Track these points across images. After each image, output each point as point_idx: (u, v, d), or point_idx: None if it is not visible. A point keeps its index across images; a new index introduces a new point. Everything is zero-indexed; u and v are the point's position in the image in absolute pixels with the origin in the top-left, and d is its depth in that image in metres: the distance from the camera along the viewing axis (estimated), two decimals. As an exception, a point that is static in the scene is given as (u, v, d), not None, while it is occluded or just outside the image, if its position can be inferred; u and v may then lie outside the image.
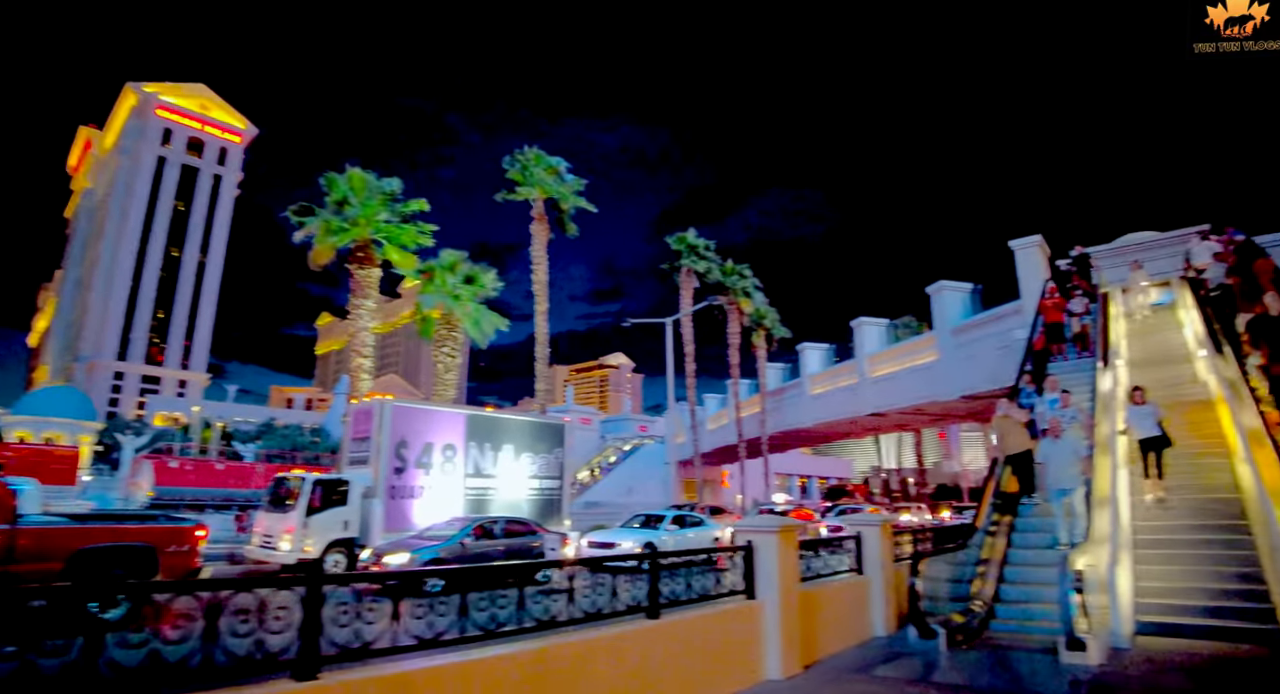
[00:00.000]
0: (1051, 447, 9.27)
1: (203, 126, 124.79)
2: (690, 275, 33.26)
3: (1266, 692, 5.63)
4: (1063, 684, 5.90)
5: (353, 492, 16.55)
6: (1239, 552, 8.53)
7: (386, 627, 3.89)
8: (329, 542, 15.97)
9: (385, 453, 17.21)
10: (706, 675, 5.77)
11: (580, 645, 4.68)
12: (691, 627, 5.72)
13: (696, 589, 6.00)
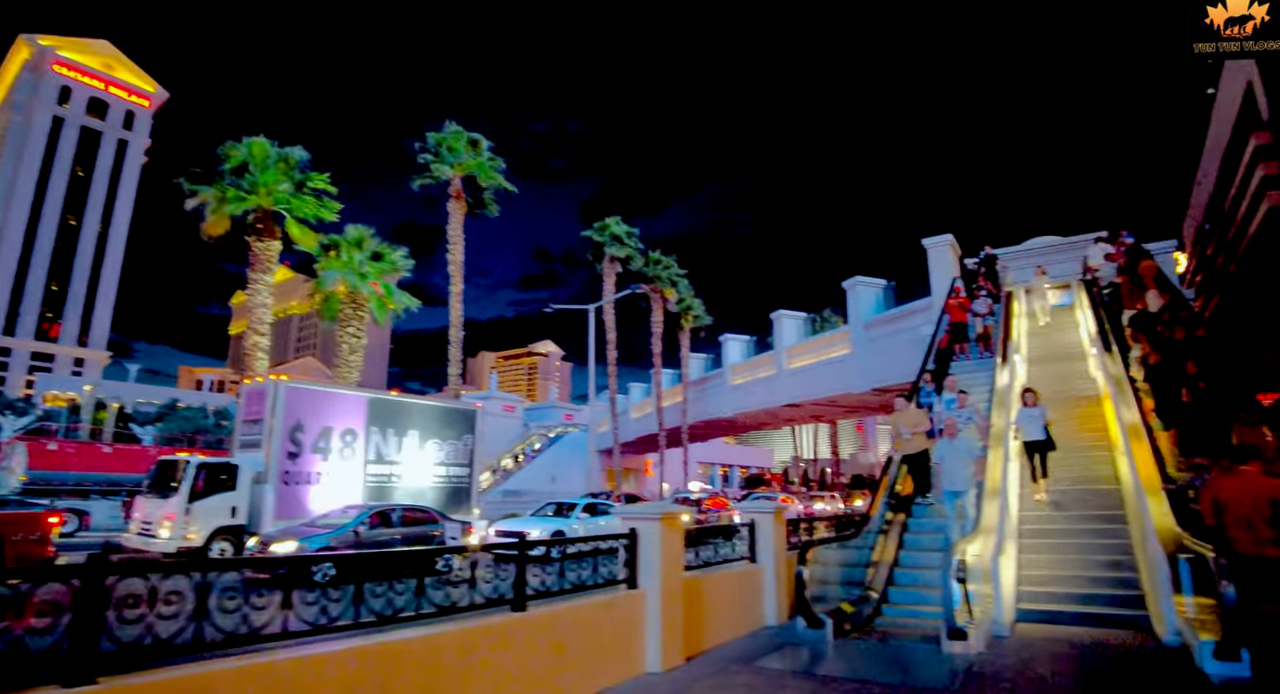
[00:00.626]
0: (946, 447, 9.16)
1: (106, 87, 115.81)
2: (613, 263, 32.87)
3: (1127, 675, 5.69)
4: (940, 672, 5.84)
5: (242, 477, 15.62)
6: (1115, 540, 8.79)
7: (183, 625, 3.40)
8: (214, 529, 15.03)
9: (278, 436, 16.27)
10: (581, 669, 5.46)
11: (423, 642, 4.28)
12: (563, 619, 5.39)
13: (571, 580, 5.67)
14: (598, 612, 5.78)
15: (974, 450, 9.01)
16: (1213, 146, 18.57)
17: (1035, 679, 5.62)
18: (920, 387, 12.70)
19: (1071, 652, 6.45)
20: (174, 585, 3.49)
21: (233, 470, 15.58)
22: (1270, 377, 16.96)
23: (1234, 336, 18.32)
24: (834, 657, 6.60)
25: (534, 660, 5.02)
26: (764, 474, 72.07)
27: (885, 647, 6.94)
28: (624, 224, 33.50)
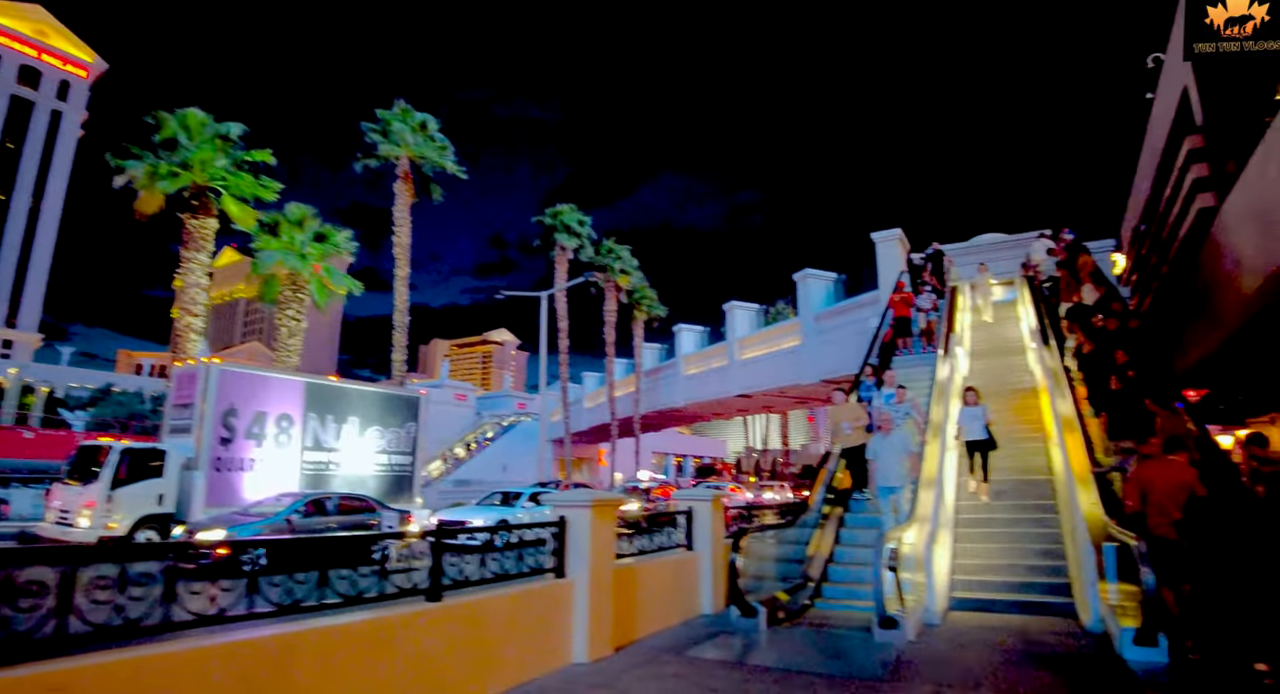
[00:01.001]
0: (881, 443, 9.03)
1: (39, 55, 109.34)
2: (564, 251, 32.47)
3: (1049, 662, 5.74)
4: (870, 661, 5.81)
5: (170, 463, 14.99)
6: (1047, 530, 8.94)
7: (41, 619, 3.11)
8: (139, 517, 14.40)
9: (210, 421, 15.66)
10: (503, 661, 5.27)
11: (321, 634, 4.03)
12: (484, 609, 5.19)
13: (494, 569, 5.47)
14: (523, 602, 5.59)
15: (908, 446, 8.94)
16: (1150, 150, 19.12)
17: (960, 667, 5.63)
18: (861, 381, 12.58)
19: (999, 639, 6.51)
20: (37, 575, 3.20)
21: (160, 456, 14.94)
22: (1197, 374, 17.58)
23: (1164, 333, 18.93)
24: (765, 646, 6.55)
25: (449, 652, 4.81)
26: (716, 464, 72.56)
27: (818, 635, 6.91)
28: (577, 212, 33.09)
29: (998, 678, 5.31)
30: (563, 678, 5.47)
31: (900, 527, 7.62)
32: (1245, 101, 12.88)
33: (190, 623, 3.56)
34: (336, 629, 4.09)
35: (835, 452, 10.86)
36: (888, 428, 9.11)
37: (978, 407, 10.01)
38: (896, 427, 9.21)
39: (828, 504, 9.92)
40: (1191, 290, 14.95)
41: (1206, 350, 15.11)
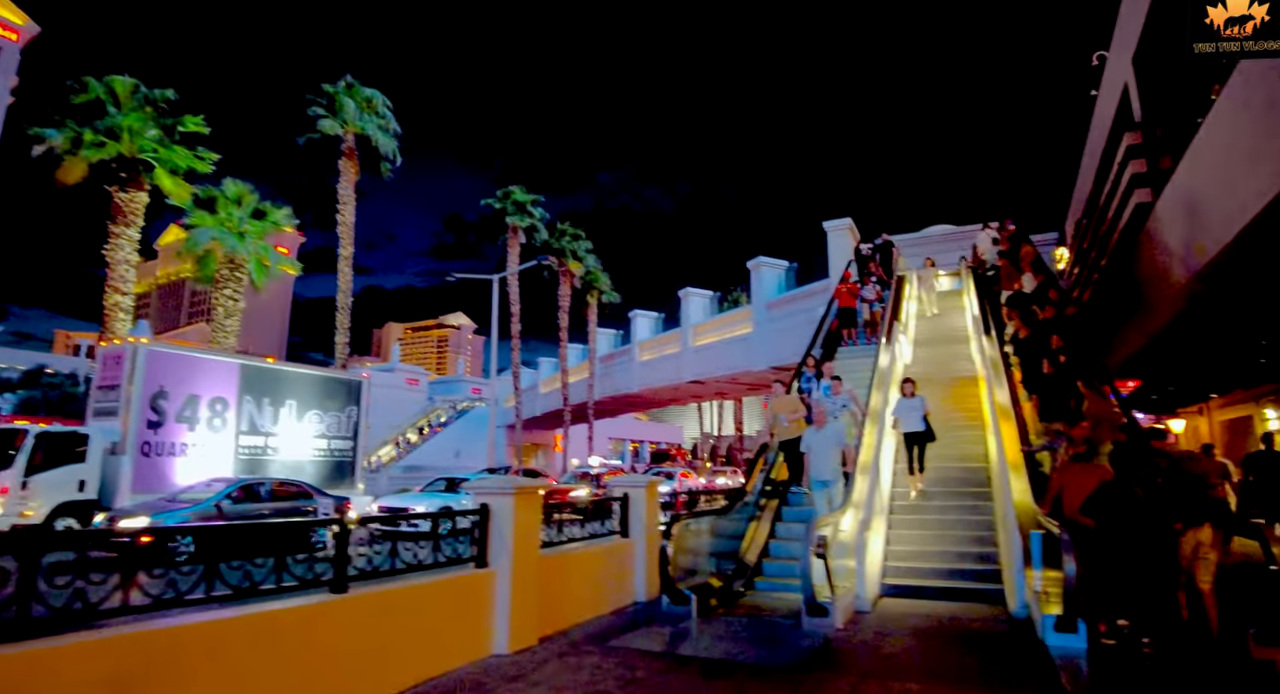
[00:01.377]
0: (814, 437, 8.86)
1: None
2: (516, 233, 31.90)
3: (972, 648, 5.76)
4: (796, 649, 5.76)
5: (93, 448, 14.29)
6: (979, 517, 9.04)
7: None
8: (57, 504, 13.71)
9: (137, 404, 14.99)
10: (415, 653, 5.06)
11: (209, 628, 3.77)
12: (397, 600, 4.97)
13: (408, 559, 5.24)
14: (439, 592, 5.38)
15: (842, 440, 8.77)
16: (1093, 146, 19.50)
17: (885, 654, 5.61)
18: (801, 372, 12.46)
19: (927, 626, 6.53)
20: None
21: (82, 440, 14.24)
22: (1132, 366, 18.10)
23: (1101, 325, 19.43)
24: (693, 634, 6.46)
25: (353, 646, 4.58)
26: (671, 449, 72.94)
27: (748, 623, 6.84)
28: (528, 193, 32.52)
29: (920, 665, 5.30)
30: (477, 670, 5.29)
31: (833, 513, 7.61)
32: (1181, 100, 13.14)
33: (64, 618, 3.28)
34: (226, 623, 3.84)
35: (774, 444, 10.72)
36: (821, 421, 8.90)
37: (915, 398, 9.86)
38: (832, 419, 9.11)
39: (764, 496, 9.85)
40: (1127, 284, 15.30)
41: (1140, 342, 15.53)
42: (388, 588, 4.96)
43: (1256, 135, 7.93)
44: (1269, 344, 12.85)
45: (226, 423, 16.63)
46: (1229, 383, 17.78)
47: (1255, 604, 5.70)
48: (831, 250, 23.29)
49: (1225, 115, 9.17)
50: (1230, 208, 8.87)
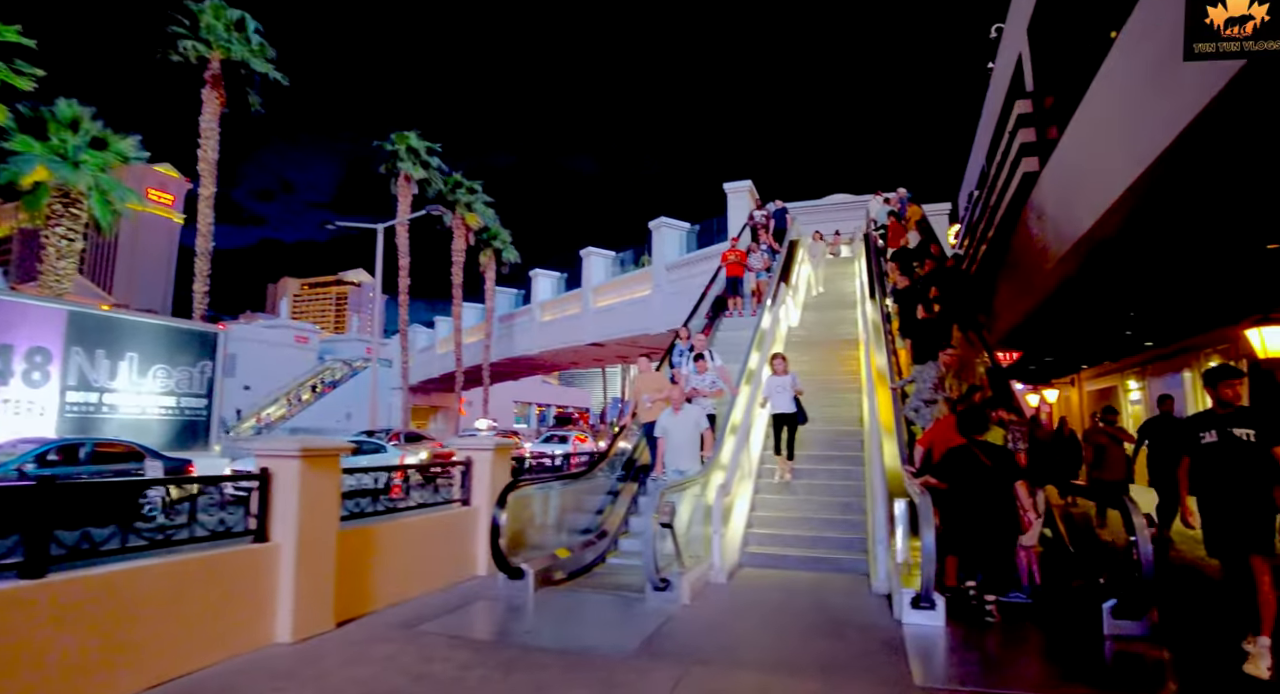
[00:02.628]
0: (671, 419, 7.93)
1: None
2: (409, 182, 29.82)
3: (822, 628, 5.27)
4: (628, 632, 5.09)
5: None
6: (850, 482, 8.69)
7: None
8: None
9: (-72, 352, 12.94)
10: (158, 648, 4.10)
11: None
12: (122, 585, 3.97)
13: (152, 534, 4.24)
14: (197, 572, 4.40)
15: (702, 424, 7.93)
16: (987, 119, 19.63)
17: (726, 636, 5.03)
18: (675, 345, 11.40)
19: (782, 601, 6.02)
20: None
21: None
22: (1013, 338, 18.53)
23: (985, 299, 19.82)
24: (521, 615, 5.72)
25: (59, 642, 3.60)
26: (576, 414, 72.36)
27: (588, 600, 6.17)
28: (424, 139, 30.41)
29: (761, 650, 4.75)
30: (244, 665, 4.39)
31: (689, 479, 7.02)
32: (1071, 70, 13.12)
33: None
34: None
35: (633, 427, 9.65)
36: (679, 404, 7.96)
37: (786, 376, 8.99)
38: (690, 404, 8.27)
39: (622, 481, 9.05)
40: (1012, 255, 15.45)
41: (1021, 314, 15.76)
42: (112, 570, 3.95)
43: (1136, 102, 7.74)
44: (1137, 316, 13.16)
45: (49, 377, 14.69)
46: (1098, 355, 18.48)
47: (1111, 575, 5.47)
48: (731, 213, 22.84)
49: (1107, 83, 9.03)
50: (1108, 176, 8.76)
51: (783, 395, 8.88)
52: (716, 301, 15.29)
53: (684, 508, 7.65)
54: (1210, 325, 13.32)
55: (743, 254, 15.88)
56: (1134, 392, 18.30)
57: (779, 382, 8.99)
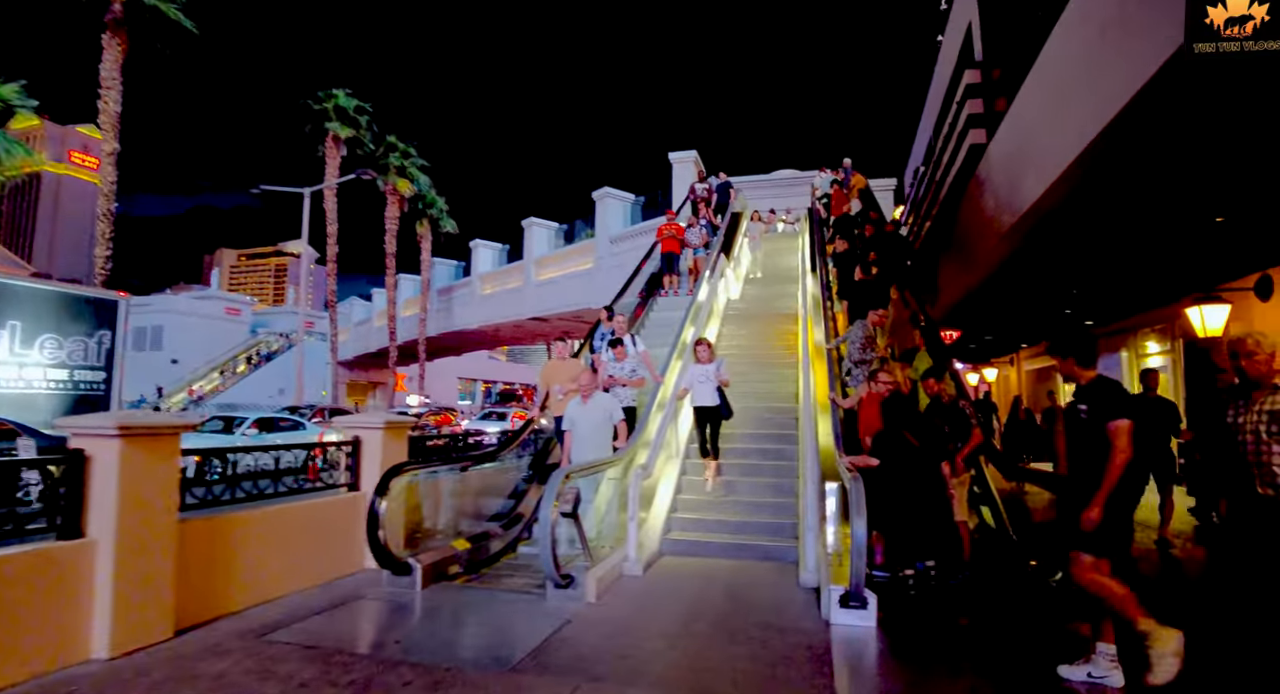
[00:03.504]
0: (578, 411, 7.02)
1: None
2: (338, 144, 28.10)
3: (745, 631, 4.70)
4: (516, 639, 4.41)
5: None
6: (784, 462, 8.15)
7: None
8: None
9: None
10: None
11: None
12: None
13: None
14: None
15: (614, 415, 7.06)
16: (935, 92, 19.26)
17: (627, 643, 4.36)
18: (598, 328, 10.36)
19: (700, 597, 5.41)
20: None
21: None
22: (954, 316, 18.36)
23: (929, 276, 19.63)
24: (400, 618, 5.00)
25: None
26: (520, 390, 71.20)
27: (483, 599, 5.45)
28: (354, 97, 28.59)
29: (665, 659, 4.12)
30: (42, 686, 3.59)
31: (602, 462, 6.35)
32: (1021, 40, 12.75)
33: None
34: None
35: (543, 421, 8.60)
36: (586, 392, 7.04)
37: (710, 364, 7.99)
38: (602, 393, 7.49)
39: (527, 482, 8.11)
40: (956, 230, 15.16)
41: (963, 291, 15.52)
42: None
43: (1083, 72, 7.40)
44: (1079, 293, 12.97)
45: (-89, 344, 13.19)
46: (1038, 334, 18.46)
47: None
48: (677, 183, 22.16)
49: (1055, 52, 8.68)
50: (1055, 148, 8.47)
51: (705, 386, 7.91)
52: (651, 279, 14.35)
53: (602, 491, 7.03)
54: (1149, 305, 13.23)
55: (680, 229, 14.90)
56: (1070, 371, 18.35)
57: (702, 371, 7.98)
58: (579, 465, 5.76)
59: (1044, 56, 9.15)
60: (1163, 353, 13.62)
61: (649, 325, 11.94)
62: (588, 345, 10.23)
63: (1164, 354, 13.58)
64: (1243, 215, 8.19)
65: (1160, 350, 13.74)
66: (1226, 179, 7.36)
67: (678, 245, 14.53)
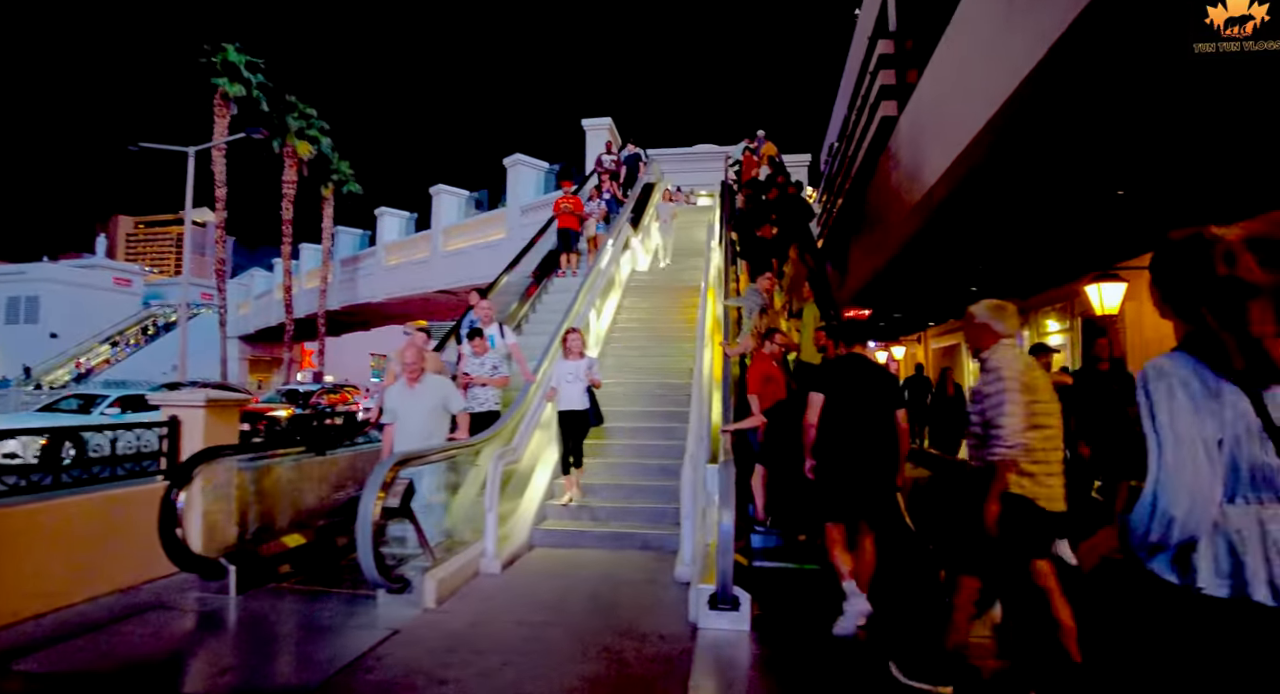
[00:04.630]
0: (403, 395, 5.70)
1: None
2: (227, 103, 25.85)
3: (603, 640, 4.10)
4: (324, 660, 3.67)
5: None
6: (674, 442, 7.59)
7: None
8: None
9: None
10: None
11: None
12: None
13: None
14: None
15: (450, 403, 5.82)
16: (852, 66, 19.02)
17: (458, 663, 3.67)
18: (466, 315, 8.82)
19: (559, 600, 4.76)
20: None
21: None
22: (864, 295, 18.30)
23: (839, 255, 19.54)
24: (197, 632, 4.21)
25: None
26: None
27: (306, 606, 4.67)
28: (245, 53, 26.25)
29: (491, 687, 3.43)
30: None
31: (451, 448, 5.59)
32: (934, 9, 12.51)
33: None
34: None
35: (374, 415, 7.38)
36: (414, 374, 5.68)
37: (580, 360, 6.81)
38: (434, 376, 6.31)
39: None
40: (868, 205, 14.96)
41: (873, 269, 15.39)
42: None
43: (991, 39, 7.17)
44: (984, 269, 12.93)
45: None
46: (945, 312, 18.63)
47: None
48: (590, 152, 21.35)
49: (964, 19, 8.42)
50: (963, 118, 8.24)
51: (573, 387, 6.69)
52: (547, 258, 13.26)
53: (471, 478, 6.29)
54: (1051, 283, 13.33)
55: (578, 203, 13.54)
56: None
57: (570, 368, 6.75)
58: (416, 452, 4.99)
59: (953, 25, 8.89)
60: (1062, 331, 13.79)
61: (541, 310, 11.07)
62: (454, 336, 8.84)
63: (1063, 332, 13.75)
64: (1142, 188, 8.08)
65: (1060, 328, 13.92)
66: (1127, 150, 7.18)
67: (576, 221, 13.23)
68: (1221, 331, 1.50)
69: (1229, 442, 1.50)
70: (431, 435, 5.61)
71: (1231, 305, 1.49)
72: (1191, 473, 1.47)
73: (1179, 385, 1.53)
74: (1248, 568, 1.46)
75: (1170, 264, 1.63)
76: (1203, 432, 1.49)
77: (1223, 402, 1.50)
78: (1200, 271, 1.54)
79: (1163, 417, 1.52)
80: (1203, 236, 1.56)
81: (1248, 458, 1.49)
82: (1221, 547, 1.50)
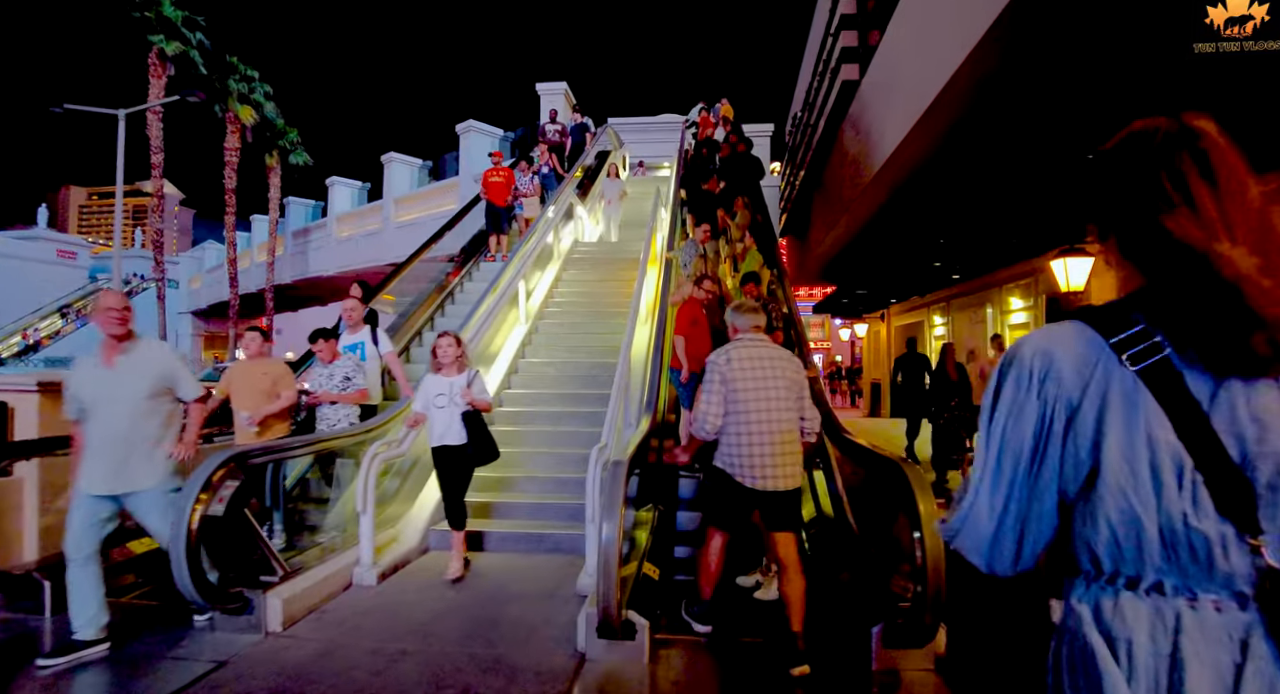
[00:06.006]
0: (95, 377, 3.73)
1: None
2: (166, 63, 24.21)
3: (467, 675, 3.44)
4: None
5: None
6: (600, 429, 6.95)
7: None
8: None
9: None
10: None
11: None
12: None
13: None
14: None
15: (179, 387, 3.89)
16: (815, 33, 18.28)
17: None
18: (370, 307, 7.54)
19: (434, 615, 4.08)
20: None
21: None
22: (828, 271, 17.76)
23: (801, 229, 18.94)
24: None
25: None
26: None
27: (130, 627, 3.90)
28: (182, 9, 24.46)
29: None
30: None
31: (319, 438, 4.86)
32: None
33: None
34: None
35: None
36: (110, 357, 3.71)
37: (458, 375, 4.93)
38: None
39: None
40: (829, 173, 14.35)
41: (836, 245, 14.82)
42: None
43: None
44: (947, 243, 12.39)
45: None
46: (908, 289, 18.16)
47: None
48: (546, 117, 20.28)
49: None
50: (923, 78, 7.72)
51: (445, 413, 4.85)
52: (475, 239, 12.04)
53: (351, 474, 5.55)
54: (1015, 257, 12.83)
55: (510, 175, 11.99)
56: (938, 327, 18.22)
57: (439, 386, 4.89)
58: (259, 446, 4.23)
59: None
60: (1026, 309, 13.33)
61: (460, 302, 9.84)
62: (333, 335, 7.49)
63: (1027, 310, 13.28)
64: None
65: (1024, 306, 13.45)
66: (1094, 109, 6.59)
67: (506, 196, 11.74)
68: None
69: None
70: (149, 436, 3.70)
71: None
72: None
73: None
74: None
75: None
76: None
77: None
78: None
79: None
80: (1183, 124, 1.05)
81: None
82: None
